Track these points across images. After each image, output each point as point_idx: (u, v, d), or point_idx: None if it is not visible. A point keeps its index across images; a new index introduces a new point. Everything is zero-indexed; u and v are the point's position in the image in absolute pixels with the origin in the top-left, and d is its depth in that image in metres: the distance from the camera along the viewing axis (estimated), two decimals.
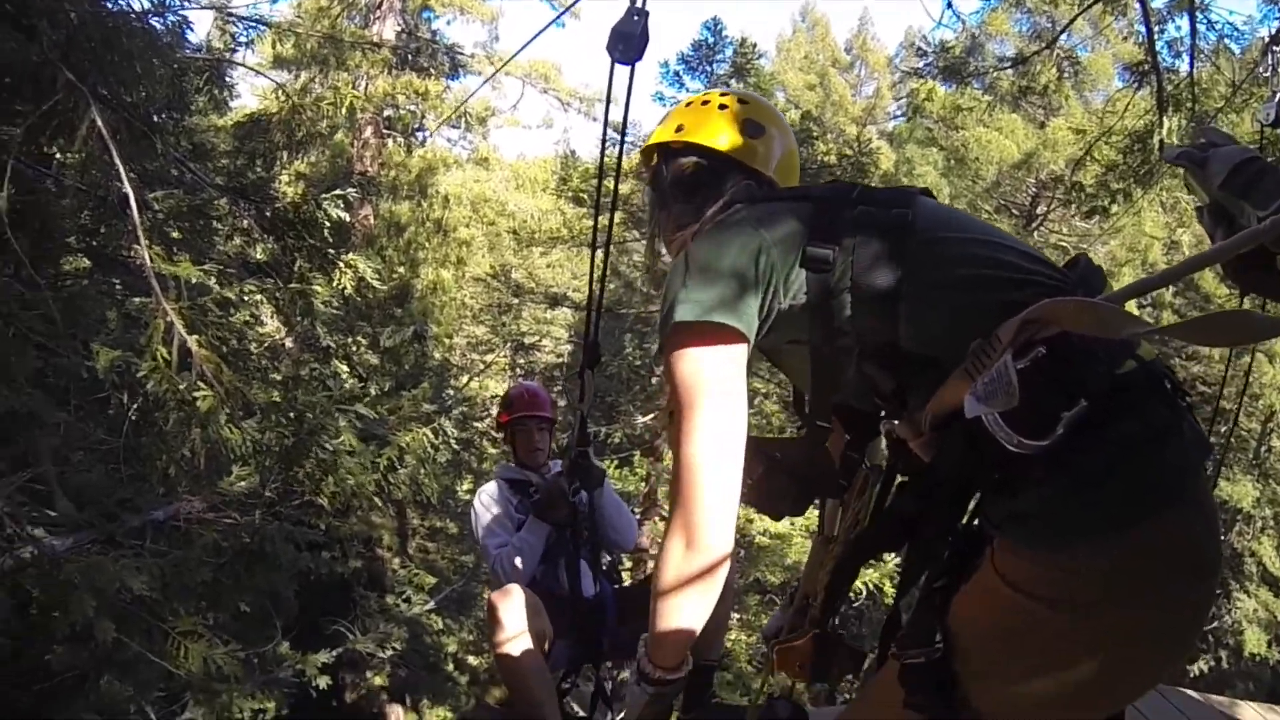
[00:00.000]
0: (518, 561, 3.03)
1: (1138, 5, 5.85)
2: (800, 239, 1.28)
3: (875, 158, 11.74)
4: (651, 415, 13.21)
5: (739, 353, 1.26)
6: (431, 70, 11.47)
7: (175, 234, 6.01)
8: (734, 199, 1.45)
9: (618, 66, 1.85)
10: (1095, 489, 1.06)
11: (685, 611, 1.29)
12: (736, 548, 11.63)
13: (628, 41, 1.58)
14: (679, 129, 1.58)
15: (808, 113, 12.49)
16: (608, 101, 1.83)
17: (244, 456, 5.35)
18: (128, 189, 4.44)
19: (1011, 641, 1.14)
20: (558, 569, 3.08)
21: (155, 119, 5.41)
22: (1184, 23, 5.70)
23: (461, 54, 11.87)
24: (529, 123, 15.05)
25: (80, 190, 5.27)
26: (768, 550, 9.87)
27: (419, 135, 12.40)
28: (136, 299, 5.41)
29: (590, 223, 14.74)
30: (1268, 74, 4.99)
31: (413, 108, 11.68)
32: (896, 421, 1.29)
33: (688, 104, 1.65)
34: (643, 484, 12.15)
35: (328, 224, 7.13)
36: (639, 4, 1.57)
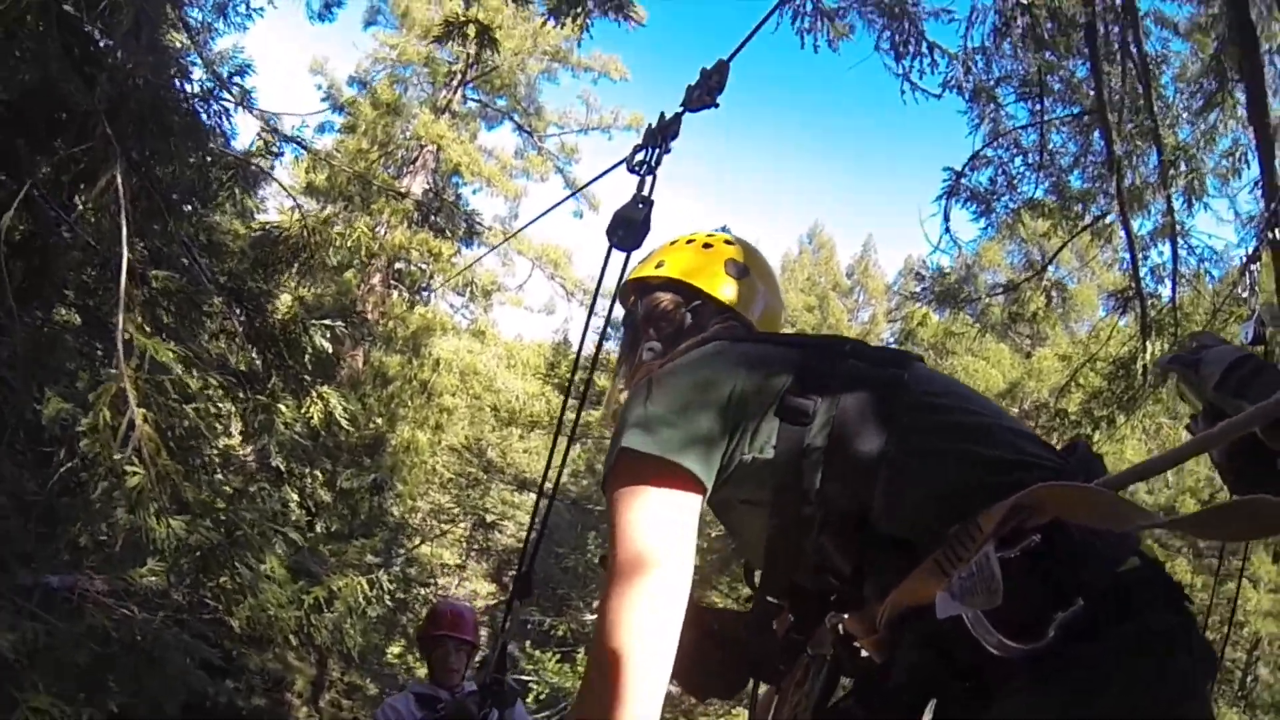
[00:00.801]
0: None
1: (1123, 233, 6.06)
2: (780, 386, 1.13)
3: None
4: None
5: (693, 504, 1.09)
6: (448, 232, 11.80)
7: (165, 317, 5.84)
8: (714, 336, 1.31)
9: (615, 254, 1.69)
10: (1086, 705, 0.90)
11: None
12: None
13: (628, 228, 1.47)
14: (659, 265, 1.49)
15: (806, 331, 12.82)
16: (599, 283, 1.69)
17: (163, 552, 4.87)
18: (125, 254, 4.32)
19: None
20: None
21: (174, 198, 5.38)
22: (1166, 249, 5.89)
23: (479, 223, 12.27)
24: (531, 305, 15.39)
25: (90, 247, 5.14)
26: None
27: (423, 294, 12.56)
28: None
29: (572, 413, 14.73)
30: (1245, 293, 5.06)
31: (423, 265, 11.92)
32: (846, 615, 1.14)
33: (672, 242, 1.55)
34: (577, 679, 11.16)
35: (310, 350, 7.00)
36: (646, 193, 1.50)
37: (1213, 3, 6.14)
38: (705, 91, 1.54)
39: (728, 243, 1.50)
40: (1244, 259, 5.42)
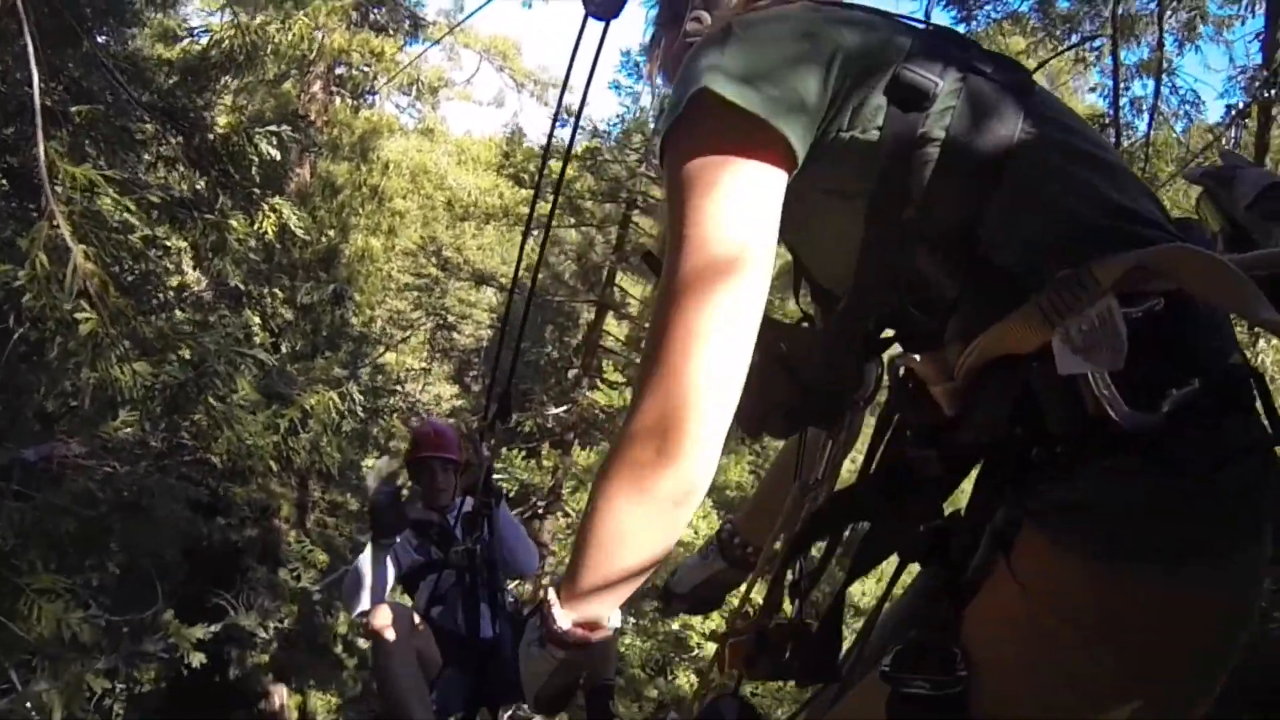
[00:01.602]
0: (363, 594, 3.00)
1: (1109, 59, 5.81)
2: (893, 56, 0.91)
3: None
4: (564, 408, 12.73)
5: (779, 183, 0.87)
6: (390, 30, 10.75)
7: (92, 152, 5.31)
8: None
9: (589, 24, 1.43)
10: (1205, 494, 0.78)
11: (630, 549, 0.89)
12: None
13: None
14: None
15: None
16: (572, 57, 1.45)
17: (134, 400, 4.72)
18: (35, 77, 3.79)
19: (1035, 677, 0.84)
20: (455, 610, 3.03)
21: (87, 13, 4.72)
22: (1149, 85, 5.69)
23: (423, 19, 11.19)
24: (481, 99, 14.44)
25: None
26: (678, 560, 9.49)
27: (368, 97, 11.67)
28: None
29: (528, 206, 14.23)
30: (1229, 144, 4.94)
31: (365, 67, 10.95)
32: (918, 355, 0.94)
33: None
34: (549, 477, 11.65)
35: (257, 161, 6.50)
36: None
37: None
38: None
39: None
40: (1227, 110, 5.23)
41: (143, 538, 4.42)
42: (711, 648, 9.24)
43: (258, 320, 7.35)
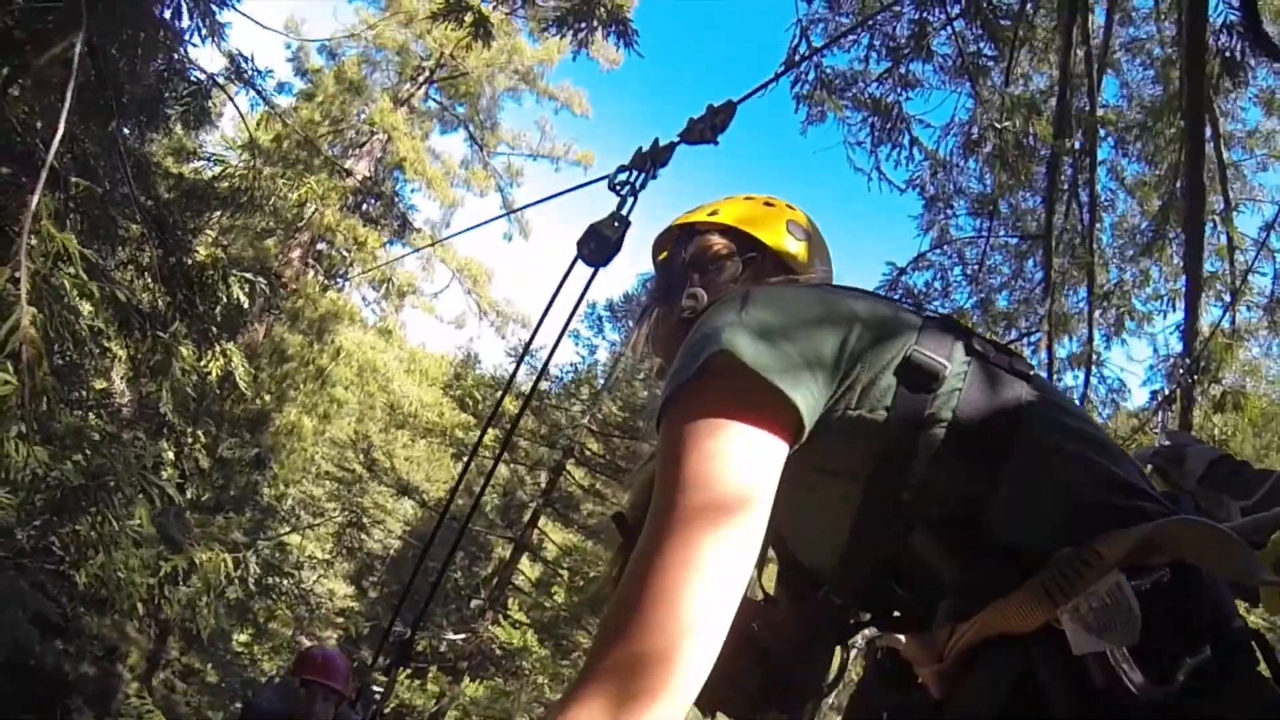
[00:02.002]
0: None
1: (1045, 354, 6.25)
2: (903, 340, 0.90)
3: None
4: (463, 636, 11.79)
5: (781, 454, 0.82)
6: (379, 225, 11.20)
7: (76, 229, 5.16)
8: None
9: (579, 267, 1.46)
10: None
11: None
12: None
13: (601, 244, 1.30)
14: (713, 213, 1.27)
15: None
16: (558, 289, 1.46)
17: (17, 483, 4.15)
18: (61, 128, 3.70)
19: None
20: None
21: (124, 101, 4.76)
22: (1080, 375, 6.10)
23: (413, 224, 11.72)
24: (443, 315, 14.73)
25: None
26: None
27: (339, 280, 11.83)
28: None
29: (476, 434, 14.07)
30: (1155, 430, 5.24)
31: (346, 251, 11.25)
32: (902, 636, 0.89)
33: (724, 199, 1.34)
34: (432, 702, 10.46)
35: (225, 300, 6.39)
36: (625, 213, 1.34)
37: (1160, 166, 6.53)
38: (709, 128, 1.39)
39: (790, 207, 1.30)
40: (1152, 395, 5.63)
41: None
42: None
43: (171, 455, 6.78)
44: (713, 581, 0.73)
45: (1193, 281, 5.41)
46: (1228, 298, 5.86)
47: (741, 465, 0.78)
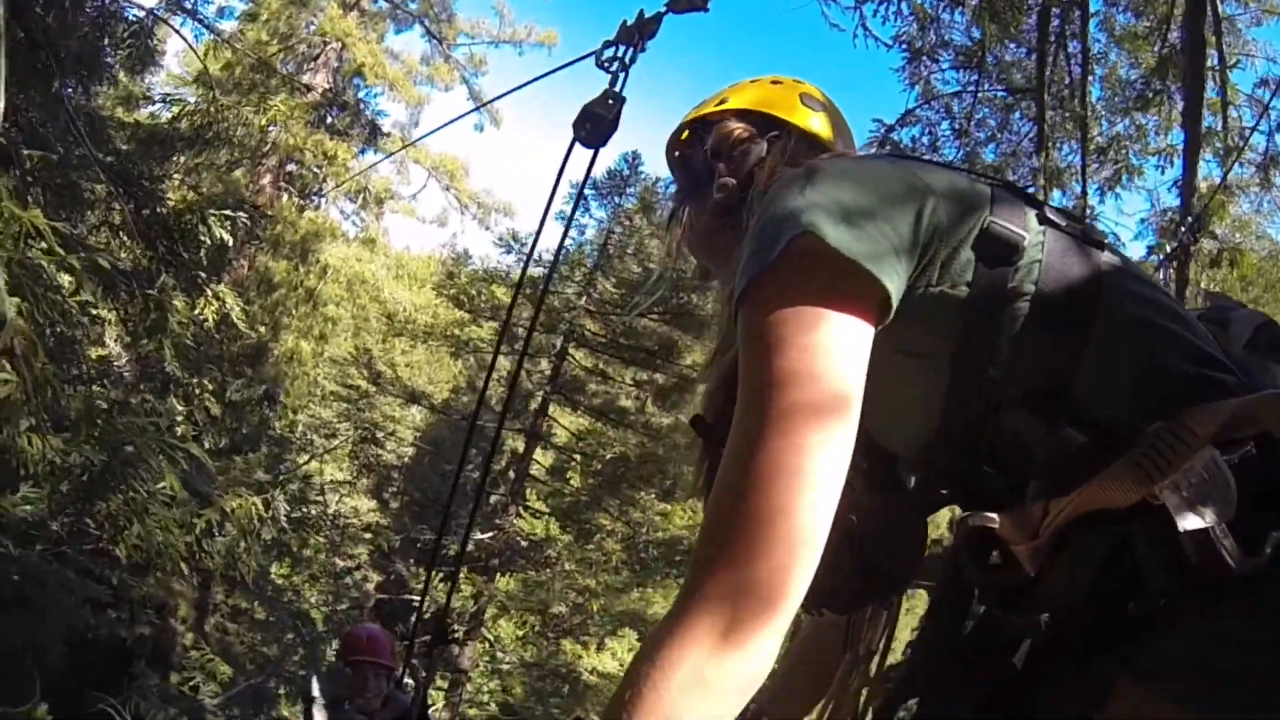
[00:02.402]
0: None
1: None
2: (979, 212, 0.86)
3: None
4: (490, 534, 12.13)
5: (870, 340, 0.79)
6: (346, 135, 10.71)
7: (35, 204, 4.90)
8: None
9: (577, 149, 1.43)
10: None
11: None
12: (559, 683, 10.12)
13: (597, 124, 1.28)
14: (721, 101, 1.22)
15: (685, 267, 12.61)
16: (558, 177, 1.43)
17: (39, 475, 4.10)
18: (1, 112, 3.42)
19: None
20: None
21: (62, 58, 4.41)
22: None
23: (381, 129, 11.22)
24: (424, 215, 14.36)
25: None
26: (596, 690, 8.82)
27: (315, 198, 11.44)
28: None
29: (472, 329, 14.02)
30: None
31: (317, 168, 10.80)
32: (996, 515, 0.86)
33: (728, 87, 1.28)
34: (470, 602, 10.90)
35: (208, 242, 6.12)
36: (618, 89, 1.31)
37: (1151, 17, 6.24)
38: None
39: (798, 81, 1.25)
40: (1148, 250, 5.61)
41: (25, 628, 3.71)
42: None
43: (181, 409, 6.72)
44: (821, 488, 0.71)
45: (1191, 137, 5.29)
46: (1221, 153, 5.76)
47: (839, 357, 0.75)
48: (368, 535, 12.30)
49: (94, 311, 5.37)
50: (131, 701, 5.64)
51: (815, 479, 0.71)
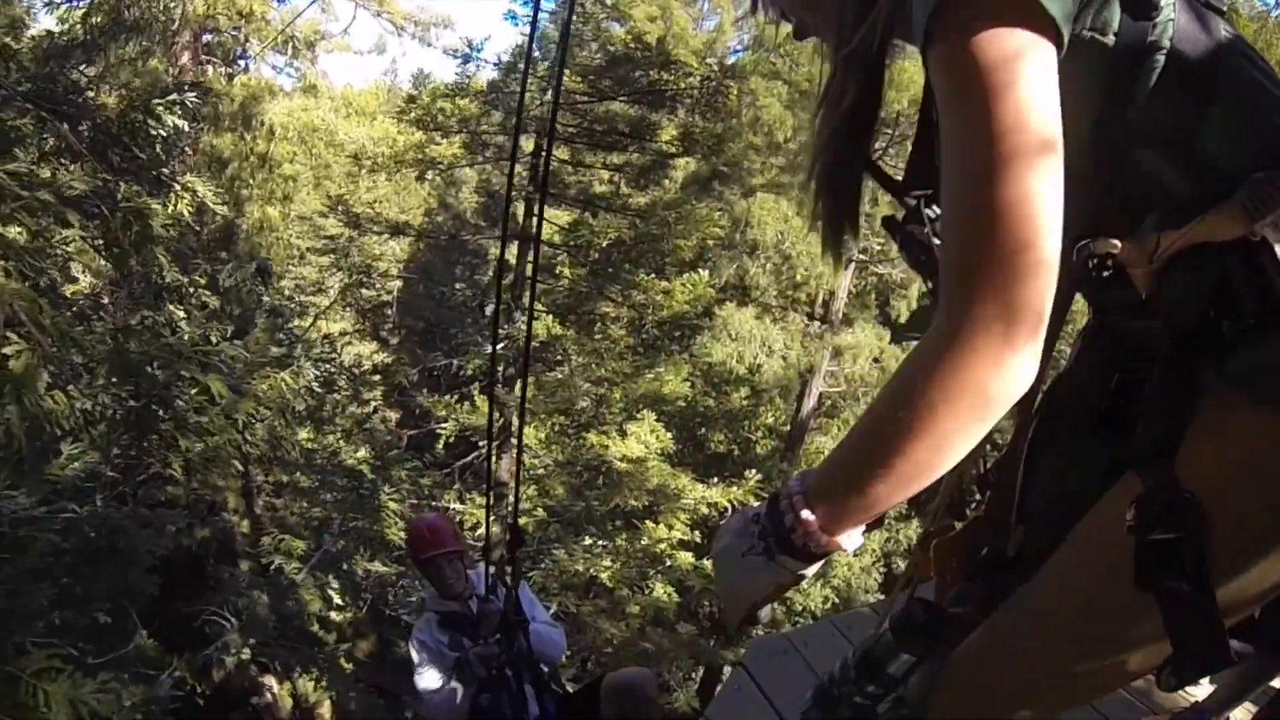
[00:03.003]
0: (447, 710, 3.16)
1: None
2: None
3: (725, 91, 11.20)
4: (502, 344, 12.24)
5: (1055, 68, 0.79)
6: None
7: None
8: None
9: None
10: None
11: (925, 466, 0.79)
12: (593, 474, 10.51)
13: None
14: None
15: (650, 43, 11.67)
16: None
17: (74, 430, 4.11)
18: None
19: (1255, 524, 0.89)
20: (502, 699, 3.13)
21: None
22: None
23: None
24: (360, 48, 13.35)
25: None
26: (628, 476, 9.42)
27: (241, 62, 10.56)
28: None
29: (439, 147, 13.35)
30: None
31: (234, 31, 9.89)
32: (1118, 241, 0.94)
33: None
34: (498, 415, 11.32)
35: (162, 135, 5.77)
36: None
37: None
38: None
39: None
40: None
41: (123, 574, 3.91)
42: (683, 557, 9.39)
43: (181, 314, 6.66)
44: (1055, 215, 0.75)
45: None
46: None
47: (1048, 94, 0.77)
48: (377, 378, 12.53)
49: (67, 248, 5.20)
50: (228, 602, 6.06)
51: (1050, 209, 0.75)
